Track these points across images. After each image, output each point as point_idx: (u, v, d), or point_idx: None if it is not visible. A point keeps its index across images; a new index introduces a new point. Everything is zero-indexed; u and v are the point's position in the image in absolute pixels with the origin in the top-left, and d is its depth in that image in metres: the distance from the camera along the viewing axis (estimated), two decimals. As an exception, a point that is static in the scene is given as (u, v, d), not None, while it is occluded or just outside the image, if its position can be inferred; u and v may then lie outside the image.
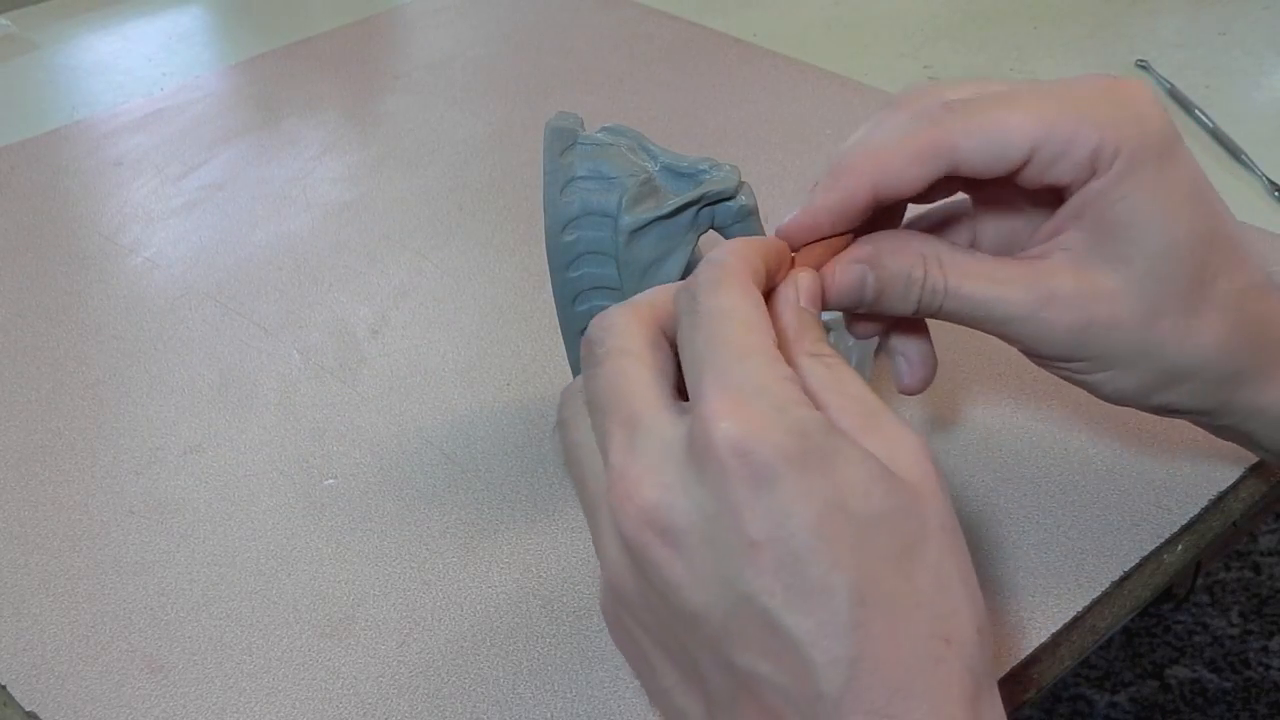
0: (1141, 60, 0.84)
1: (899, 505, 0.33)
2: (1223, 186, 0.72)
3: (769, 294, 0.38)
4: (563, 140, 0.45)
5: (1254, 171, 0.72)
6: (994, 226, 0.44)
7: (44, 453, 0.56)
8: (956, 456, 0.54)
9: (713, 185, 0.45)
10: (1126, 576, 0.49)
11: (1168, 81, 0.81)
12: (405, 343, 0.62)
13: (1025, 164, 0.39)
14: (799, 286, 0.39)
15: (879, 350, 0.59)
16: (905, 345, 0.45)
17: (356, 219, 0.72)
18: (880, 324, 0.44)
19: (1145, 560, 0.50)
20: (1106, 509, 0.52)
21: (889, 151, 0.39)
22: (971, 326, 0.42)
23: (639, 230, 0.45)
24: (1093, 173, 0.39)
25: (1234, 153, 0.74)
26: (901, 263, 0.41)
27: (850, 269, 0.41)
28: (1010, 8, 0.93)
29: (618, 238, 0.45)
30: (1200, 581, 1.53)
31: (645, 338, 0.36)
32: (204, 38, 0.94)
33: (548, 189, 0.45)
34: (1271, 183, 0.71)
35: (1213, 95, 0.80)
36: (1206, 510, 0.52)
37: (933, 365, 0.45)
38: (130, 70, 0.89)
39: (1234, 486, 0.53)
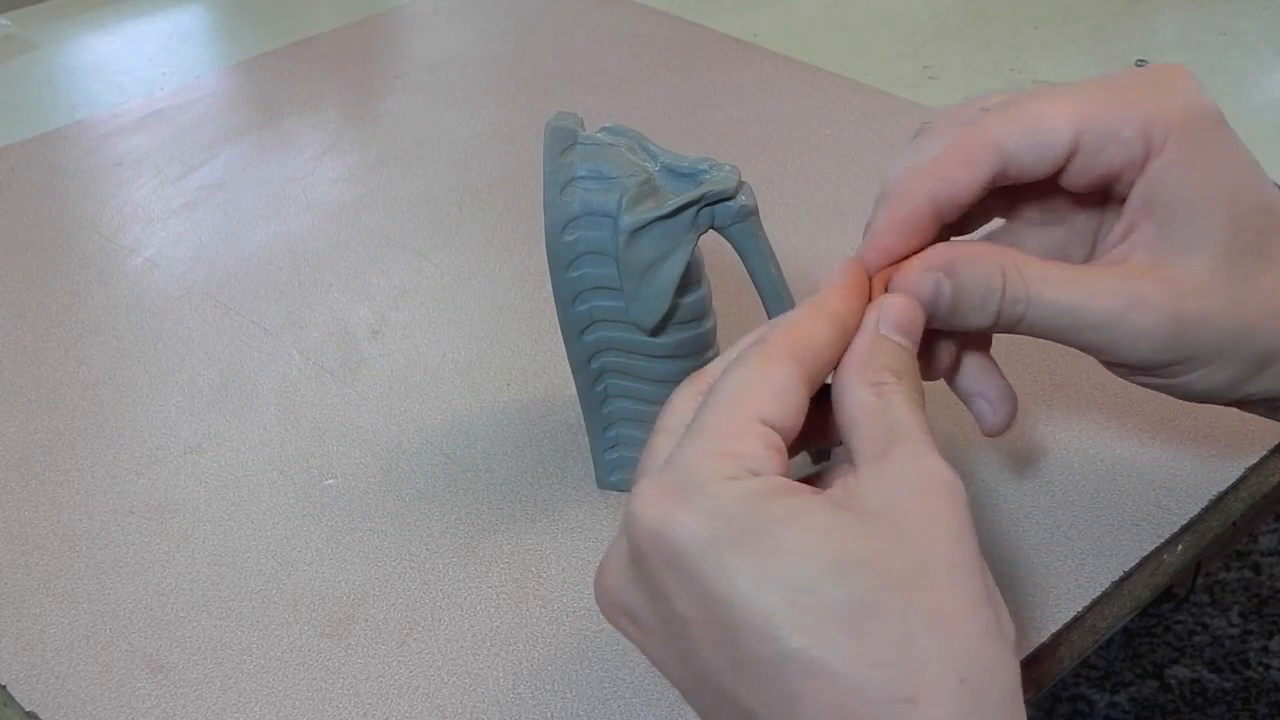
0: (1141, 60, 0.84)
1: (852, 559, 0.31)
2: (1223, 186, 0.72)
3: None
4: (563, 140, 0.45)
5: (1254, 171, 0.72)
6: (1039, 243, 0.43)
7: (44, 453, 0.56)
8: (956, 457, 0.54)
9: (713, 185, 0.45)
10: (1126, 576, 0.49)
11: (1168, 81, 0.81)
12: (405, 343, 0.62)
13: (1072, 155, 0.38)
14: (882, 313, 0.37)
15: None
16: (982, 385, 0.43)
17: (356, 219, 0.72)
18: (949, 358, 0.42)
19: (1145, 560, 0.50)
20: (1106, 509, 0.52)
21: (937, 161, 0.38)
22: (1051, 338, 0.40)
23: (639, 230, 0.45)
24: (1146, 153, 0.38)
25: (1234, 153, 0.74)
26: (979, 271, 0.38)
27: (925, 278, 0.39)
28: (1010, 8, 0.93)
29: (618, 238, 0.45)
30: (1200, 581, 1.53)
31: (681, 413, 0.36)
32: (204, 38, 0.94)
33: (548, 189, 0.45)
34: (1272, 183, 0.71)
35: (1213, 95, 0.80)
36: (1206, 510, 0.52)
37: (1014, 401, 0.43)
38: (130, 70, 0.89)
39: (1234, 486, 0.53)
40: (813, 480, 0.36)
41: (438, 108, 0.83)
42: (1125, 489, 0.53)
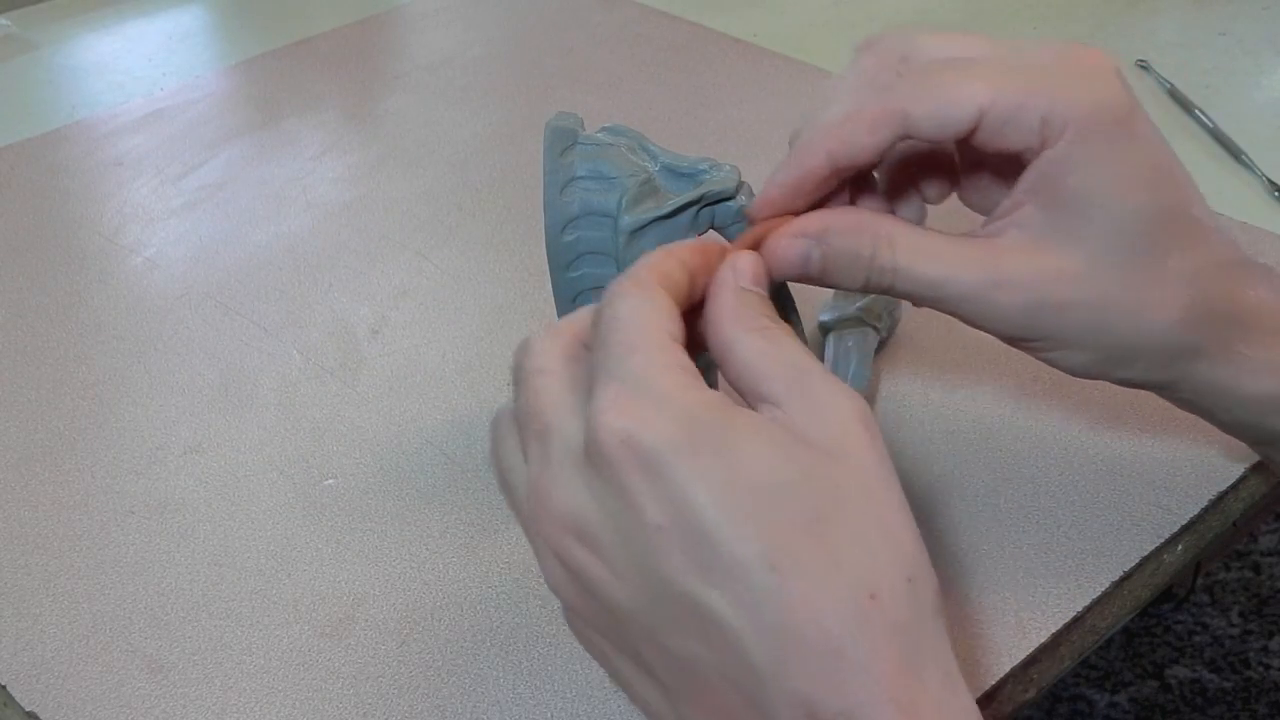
0: (1141, 60, 0.84)
1: (805, 473, 0.33)
2: (1223, 186, 0.72)
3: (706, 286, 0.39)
4: (563, 140, 0.45)
5: (1254, 171, 0.72)
6: (976, 188, 0.45)
7: (44, 453, 0.56)
8: (957, 456, 0.54)
9: (712, 185, 0.45)
10: (1126, 576, 0.49)
11: (1168, 81, 0.81)
12: (405, 343, 0.62)
13: (974, 130, 0.40)
14: (736, 269, 0.39)
15: (879, 350, 0.59)
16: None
17: (356, 219, 0.72)
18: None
19: (1145, 560, 0.50)
20: (1106, 509, 0.52)
21: (843, 123, 0.40)
22: (923, 305, 0.42)
23: (639, 230, 0.45)
24: (1043, 142, 0.39)
25: (1234, 153, 0.74)
26: (850, 240, 0.41)
27: (794, 244, 0.41)
28: (1010, 8, 0.93)
29: (618, 238, 0.45)
30: (1200, 581, 1.53)
31: (561, 355, 0.37)
32: (204, 38, 0.94)
33: (548, 189, 0.45)
34: (1271, 183, 0.71)
35: (1213, 95, 0.80)
36: (1206, 510, 0.52)
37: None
38: (130, 70, 0.89)
39: (1234, 486, 0.53)
40: None
41: (438, 108, 0.83)
42: (1125, 489, 0.53)
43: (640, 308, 0.36)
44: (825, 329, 0.57)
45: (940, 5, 0.94)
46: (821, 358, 0.56)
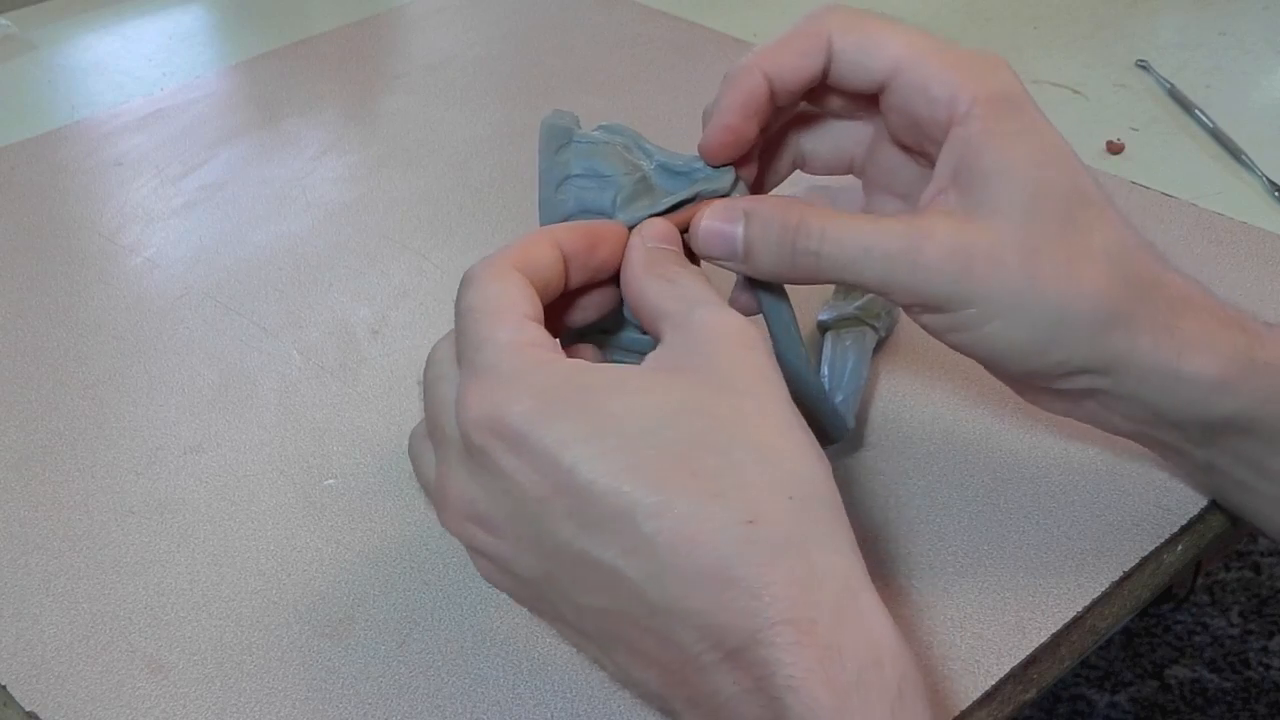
0: (1142, 60, 0.84)
1: (675, 409, 0.35)
2: (1223, 186, 0.72)
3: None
4: (558, 138, 0.45)
5: (1254, 171, 0.72)
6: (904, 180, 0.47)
7: (44, 453, 0.56)
8: (957, 456, 0.54)
9: (707, 184, 0.45)
10: (1126, 576, 0.49)
11: (1168, 81, 0.81)
12: (405, 343, 0.62)
13: (885, 86, 0.42)
14: (643, 233, 0.42)
15: (878, 349, 0.59)
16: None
17: (356, 219, 0.72)
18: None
19: (1145, 560, 0.50)
20: (1106, 509, 0.52)
21: (776, 46, 0.43)
22: (854, 284, 0.43)
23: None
24: (949, 118, 0.41)
25: (1234, 153, 0.74)
26: (776, 210, 0.42)
27: (717, 224, 0.43)
28: (1010, 8, 0.93)
29: None
30: (1200, 581, 1.53)
31: (452, 357, 0.39)
32: (204, 38, 0.94)
33: (543, 187, 0.45)
34: (1271, 183, 0.71)
35: (1213, 95, 0.80)
36: (1206, 510, 0.52)
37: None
38: (130, 70, 0.89)
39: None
40: None
41: (438, 108, 0.83)
42: (1125, 489, 0.53)
43: (488, 293, 0.38)
44: (824, 328, 0.57)
45: (940, 6, 0.94)
46: (820, 357, 0.56)
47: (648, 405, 0.35)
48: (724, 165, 0.45)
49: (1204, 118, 0.77)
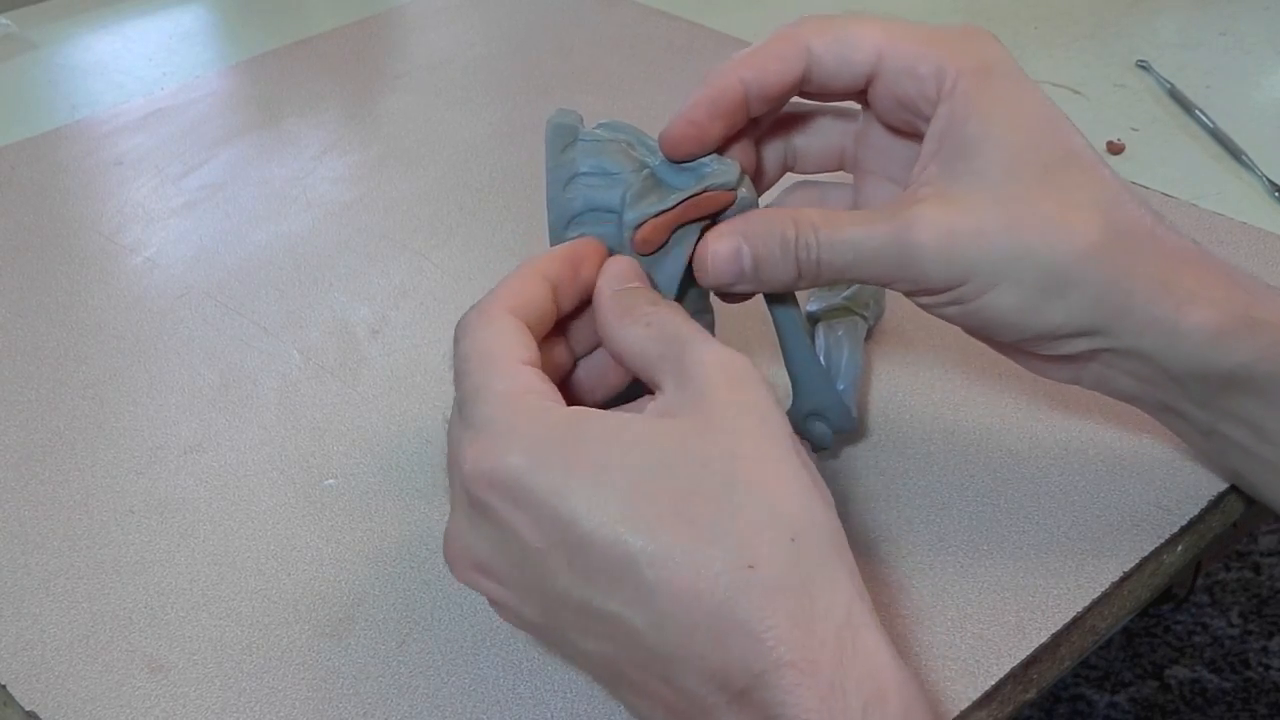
0: (1142, 60, 0.84)
1: (670, 455, 0.35)
2: (1223, 186, 0.72)
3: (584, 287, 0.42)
4: (564, 137, 0.45)
5: (1254, 171, 0.72)
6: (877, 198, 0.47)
7: (44, 453, 0.56)
8: (956, 456, 0.54)
9: (714, 179, 0.45)
10: (1126, 576, 0.49)
11: (1168, 81, 0.81)
12: (405, 343, 0.62)
13: (873, 78, 0.43)
14: (607, 276, 0.42)
15: (866, 339, 0.59)
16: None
17: (356, 219, 0.72)
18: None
19: (1145, 560, 0.50)
20: (1106, 509, 0.52)
21: (753, 53, 0.44)
22: (855, 279, 0.43)
23: (643, 225, 0.45)
24: (938, 93, 0.42)
25: (1234, 153, 0.74)
26: (772, 225, 0.43)
27: (724, 245, 0.43)
28: (1010, 8, 0.93)
29: (623, 233, 0.45)
30: (1200, 581, 1.53)
31: None
32: (205, 37, 0.94)
33: (550, 186, 0.45)
34: (1271, 183, 0.71)
35: (1213, 95, 0.80)
36: (1206, 510, 0.52)
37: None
38: (130, 70, 0.89)
39: (1234, 487, 0.53)
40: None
41: (438, 108, 0.83)
42: (1125, 489, 0.53)
43: (483, 342, 0.38)
44: (814, 319, 0.57)
45: (940, 6, 0.94)
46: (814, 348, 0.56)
47: (644, 453, 0.35)
48: (686, 159, 0.45)
49: (1204, 118, 0.77)
